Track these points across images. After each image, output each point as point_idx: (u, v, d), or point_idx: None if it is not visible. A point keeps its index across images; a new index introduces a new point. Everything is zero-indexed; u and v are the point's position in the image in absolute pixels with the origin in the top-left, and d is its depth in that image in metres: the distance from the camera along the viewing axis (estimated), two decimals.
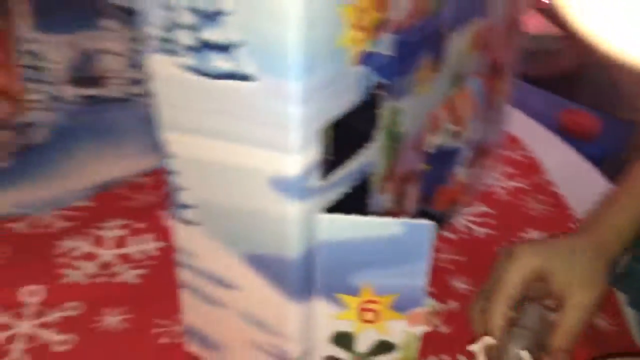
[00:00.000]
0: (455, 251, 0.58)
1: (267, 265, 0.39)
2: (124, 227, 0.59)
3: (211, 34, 0.33)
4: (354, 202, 0.40)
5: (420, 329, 0.41)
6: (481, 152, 0.62)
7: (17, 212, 0.61)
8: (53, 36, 0.74)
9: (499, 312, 0.45)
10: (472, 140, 0.58)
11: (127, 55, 0.77)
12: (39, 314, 0.50)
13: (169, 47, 0.35)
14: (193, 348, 0.47)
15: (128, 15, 0.74)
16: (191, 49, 0.34)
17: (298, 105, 0.32)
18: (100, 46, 0.76)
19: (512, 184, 0.67)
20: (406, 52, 0.41)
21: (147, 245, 0.58)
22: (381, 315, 0.41)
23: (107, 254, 0.56)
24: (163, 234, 0.59)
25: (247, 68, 0.32)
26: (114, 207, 0.63)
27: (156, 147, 0.71)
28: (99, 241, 0.57)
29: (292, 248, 0.37)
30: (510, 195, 0.66)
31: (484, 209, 0.64)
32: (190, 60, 0.34)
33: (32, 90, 0.76)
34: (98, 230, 0.58)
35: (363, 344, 0.42)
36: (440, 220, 0.59)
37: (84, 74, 0.77)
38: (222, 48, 0.33)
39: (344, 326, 0.41)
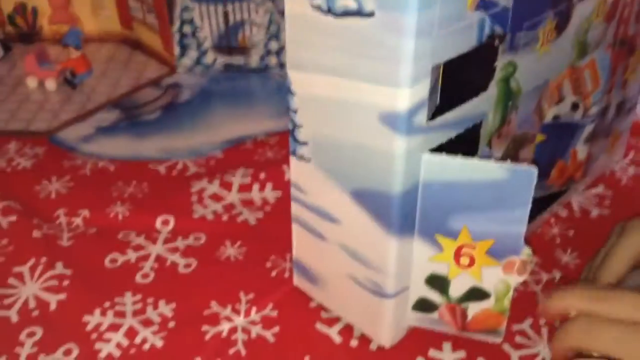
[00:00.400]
0: (566, 227, 0.57)
1: (370, 200, 0.41)
2: (248, 175, 0.64)
3: None
4: (460, 149, 0.42)
5: (515, 279, 0.42)
6: (604, 131, 0.61)
7: (160, 156, 0.68)
8: (206, 6, 0.81)
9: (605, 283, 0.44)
10: (595, 117, 0.57)
11: (267, 27, 0.83)
12: (169, 240, 0.57)
13: None
14: (298, 281, 0.51)
15: None
16: None
17: (411, 39, 0.34)
18: (245, 17, 0.82)
19: (636, 170, 0.65)
20: (527, 6, 0.42)
21: (267, 193, 0.63)
22: (477, 261, 0.42)
23: (232, 196, 0.62)
24: (284, 185, 0.64)
25: (367, 4, 0.35)
26: (241, 159, 0.68)
27: (282, 113, 0.77)
28: (226, 185, 0.63)
29: (396, 184, 0.39)
30: (632, 181, 0.63)
31: (601, 190, 0.62)
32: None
33: (182, 55, 0.84)
34: (226, 177, 0.64)
35: (456, 289, 0.43)
36: (555, 195, 0.58)
37: (229, 43, 0.84)
38: None
39: (439, 269, 0.43)
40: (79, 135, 0.71)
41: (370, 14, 0.35)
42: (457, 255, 0.42)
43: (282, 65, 0.85)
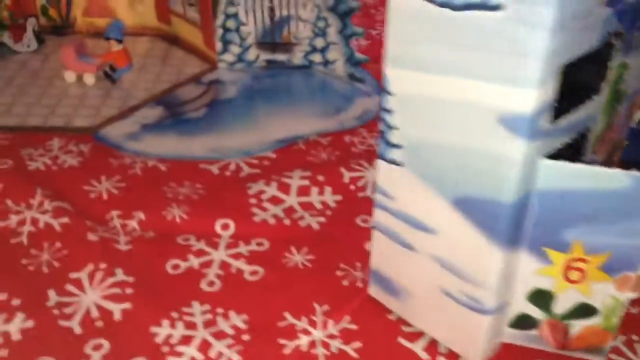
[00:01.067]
0: None
1: (476, 209, 0.38)
2: (305, 178, 0.61)
3: None
4: (567, 154, 0.39)
5: (628, 295, 0.39)
6: None
7: (210, 156, 0.65)
8: (252, 0, 0.78)
9: None
10: None
11: (314, 23, 0.80)
12: (231, 245, 0.53)
13: None
14: (376, 292, 0.48)
15: None
16: None
17: (547, 35, 0.31)
18: (292, 13, 0.79)
19: None
20: None
21: (327, 196, 0.60)
22: (587, 276, 0.39)
23: (291, 199, 0.59)
24: (343, 188, 0.61)
25: None
26: (295, 160, 0.65)
27: (330, 112, 0.74)
28: (284, 188, 0.60)
29: (510, 192, 0.36)
30: None
31: None
32: None
33: (224, 51, 0.81)
34: (283, 179, 0.61)
35: (561, 305, 0.41)
36: None
37: (273, 39, 0.81)
38: None
39: (545, 283, 0.40)
40: (124, 133, 0.67)
41: (499, 7, 0.32)
42: (566, 269, 0.39)
43: (327, 63, 0.82)
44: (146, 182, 0.60)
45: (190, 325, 0.45)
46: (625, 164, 0.51)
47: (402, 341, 0.45)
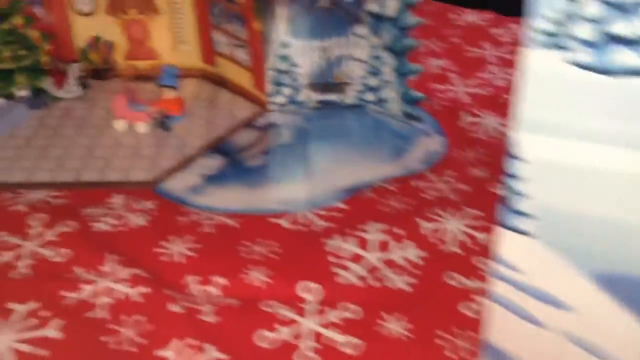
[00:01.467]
0: None
1: (624, 287, 0.35)
2: (384, 231, 0.58)
3: (621, 28, 0.30)
4: None
5: None
6: None
7: (278, 208, 0.62)
8: (303, 41, 0.76)
9: None
10: None
11: (368, 62, 0.77)
12: (318, 312, 0.50)
13: (558, 41, 0.32)
14: None
15: (378, 22, 0.74)
16: (589, 43, 0.31)
17: None
18: (345, 53, 0.77)
19: None
20: None
21: (410, 252, 0.56)
22: None
23: (372, 257, 0.56)
24: (424, 242, 0.57)
25: None
26: (366, 210, 0.62)
27: (391, 155, 0.71)
28: (361, 243, 0.57)
29: None
30: None
31: None
32: (584, 55, 0.32)
33: (276, 93, 0.78)
34: (358, 232, 0.58)
35: None
36: None
37: (326, 79, 0.78)
38: (632, 43, 0.30)
39: None
40: (187, 186, 0.64)
41: None
42: None
43: (380, 101, 0.79)
44: (219, 241, 0.57)
45: None
46: None
47: None
